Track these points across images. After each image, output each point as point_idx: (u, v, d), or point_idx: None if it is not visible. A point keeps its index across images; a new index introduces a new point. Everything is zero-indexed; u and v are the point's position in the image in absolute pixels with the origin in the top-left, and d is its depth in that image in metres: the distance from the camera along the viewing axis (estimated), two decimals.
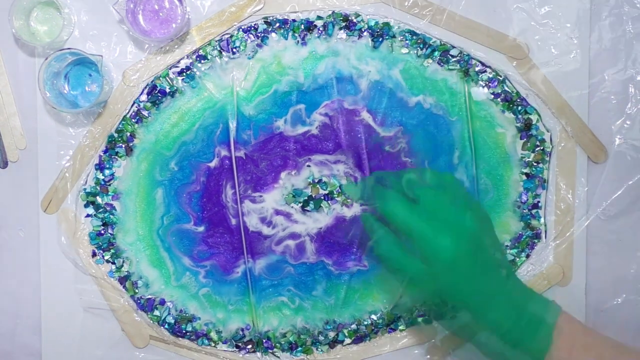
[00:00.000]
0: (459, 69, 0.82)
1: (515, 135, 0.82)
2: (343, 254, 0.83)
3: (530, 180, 0.82)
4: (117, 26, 0.83)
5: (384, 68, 0.82)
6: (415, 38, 0.82)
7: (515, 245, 0.82)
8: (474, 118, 0.82)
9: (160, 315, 0.83)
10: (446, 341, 0.83)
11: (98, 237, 0.83)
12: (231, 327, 0.84)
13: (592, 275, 0.83)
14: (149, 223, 0.83)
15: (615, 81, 0.82)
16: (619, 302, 0.82)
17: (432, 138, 0.82)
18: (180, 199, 0.83)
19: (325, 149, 0.83)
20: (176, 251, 0.83)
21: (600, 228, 0.82)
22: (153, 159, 0.83)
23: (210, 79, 0.83)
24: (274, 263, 0.83)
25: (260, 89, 0.83)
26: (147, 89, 0.82)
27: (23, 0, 0.79)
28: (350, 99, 0.82)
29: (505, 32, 0.82)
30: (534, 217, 0.82)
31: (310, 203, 0.83)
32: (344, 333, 0.83)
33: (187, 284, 0.84)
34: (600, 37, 0.82)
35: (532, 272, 0.83)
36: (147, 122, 0.83)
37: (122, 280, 0.83)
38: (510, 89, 0.82)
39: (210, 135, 0.83)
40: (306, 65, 0.83)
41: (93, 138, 0.83)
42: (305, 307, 0.83)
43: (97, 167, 0.83)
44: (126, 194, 0.83)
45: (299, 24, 0.82)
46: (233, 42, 0.82)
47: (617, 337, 0.81)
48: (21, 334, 0.86)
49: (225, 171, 0.83)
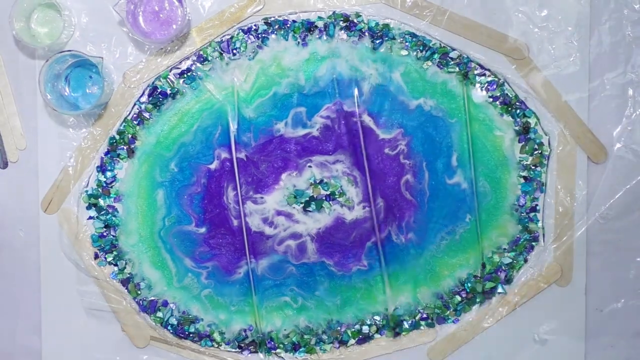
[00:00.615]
0: (458, 72, 0.82)
1: (513, 139, 0.83)
2: (344, 255, 0.83)
3: (528, 183, 0.82)
4: (118, 28, 0.83)
5: (385, 71, 0.82)
6: (415, 40, 0.82)
7: (513, 249, 0.83)
8: (473, 121, 0.82)
9: (163, 317, 0.84)
10: (447, 342, 0.84)
11: (100, 239, 0.83)
12: (234, 328, 0.84)
13: (592, 276, 0.83)
14: (151, 224, 0.84)
15: (614, 85, 0.82)
16: (619, 303, 0.83)
17: (431, 140, 0.83)
18: (181, 201, 0.83)
19: (325, 150, 0.83)
20: (178, 252, 0.84)
21: (601, 229, 0.83)
22: (153, 161, 0.83)
23: (211, 80, 0.83)
24: (276, 263, 0.84)
25: (260, 91, 0.83)
26: (147, 91, 0.82)
27: (23, 3, 0.79)
28: (351, 101, 0.82)
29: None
30: (532, 221, 0.83)
31: (312, 204, 0.83)
32: (347, 333, 0.83)
33: (190, 286, 0.84)
34: (600, 41, 0.82)
35: (530, 275, 0.83)
36: (148, 124, 0.83)
37: (124, 282, 0.84)
38: (509, 92, 0.82)
39: (209, 137, 0.83)
40: (307, 67, 0.83)
41: (94, 139, 0.83)
42: (309, 307, 0.84)
43: (99, 169, 0.83)
44: (128, 196, 0.84)
45: (299, 25, 0.82)
46: (233, 43, 0.82)
47: (617, 337, 0.82)
48: (21, 335, 0.86)
49: (226, 173, 0.83)
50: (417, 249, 0.83)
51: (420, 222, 0.83)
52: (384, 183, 0.83)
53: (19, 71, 0.84)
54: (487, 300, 0.83)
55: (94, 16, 0.83)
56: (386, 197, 0.83)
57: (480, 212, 0.83)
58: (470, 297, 0.83)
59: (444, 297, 0.83)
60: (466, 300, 0.83)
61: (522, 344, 0.83)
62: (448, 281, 0.84)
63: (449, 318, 0.83)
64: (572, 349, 0.83)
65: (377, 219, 0.83)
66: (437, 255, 0.83)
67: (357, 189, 0.83)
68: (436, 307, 0.83)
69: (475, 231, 0.83)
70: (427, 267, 0.83)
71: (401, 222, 0.83)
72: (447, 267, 0.84)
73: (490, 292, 0.83)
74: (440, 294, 0.84)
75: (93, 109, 0.80)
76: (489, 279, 0.83)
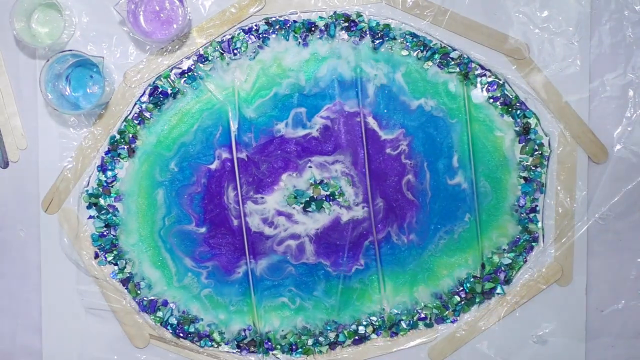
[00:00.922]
0: (458, 72, 0.82)
1: (513, 139, 0.83)
2: (341, 255, 0.83)
3: (528, 184, 0.82)
4: (118, 27, 0.83)
5: (387, 71, 0.82)
6: (416, 40, 0.82)
7: (513, 249, 0.83)
8: (473, 121, 0.82)
9: (163, 317, 0.84)
10: (447, 342, 0.84)
11: (101, 239, 0.83)
12: (233, 328, 0.84)
13: (592, 276, 0.83)
14: (151, 224, 0.84)
15: (615, 85, 0.82)
16: (619, 304, 0.83)
17: (432, 141, 0.83)
18: (181, 200, 0.83)
19: (325, 151, 0.83)
20: (178, 252, 0.84)
21: (601, 229, 0.83)
22: (154, 160, 0.83)
23: (212, 80, 0.83)
24: (275, 263, 0.84)
25: (260, 92, 0.83)
26: (148, 90, 0.82)
27: (24, 2, 0.79)
28: (352, 102, 0.82)
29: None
30: (532, 221, 0.83)
31: (312, 204, 0.83)
32: (344, 334, 0.83)
33: (190, 285, 0.84)
34: (601, 42, 0.82)
35: (530, 275, 0.83)
36: (149, 124, 0.83)
37: (124, 282, 0.84)
38: (510, 93, 0.82)
39: (210, 137, 0.83)
40: (308, 68, 0.83)
41: (94, 139, 0.83)
42: (306, 307, 0.84)
43: (100, 168, 0.83)
44: (128, 195, 0.84)
45: (300, 25, 0.82)
46: (234, 43, 0.82)
47: (617, 337, 0.82)
48: (21, 335, 0.86)
49: (226, 173, 0.83)
50: (416, 249, 0.83)
51: (422, 223, 0.83)
52: (384, 183, 0.83)
53: (20, 71, 0.84)
54: (486, 300, 0.83)
55: (95, 16, 0.83)
56: (387, 197, 0.83)
57: (480, 212, 0.83)
58: (469, 297, 0.83)
59: (443, 297, 0.83)
60: (465, 300, 0.83)
61: (522, 344, 0.83)
62: (447, 281, 0.84)
63: (448, 318, 0.83)
64: (573, 349, 0.83)
65: (375, 219, 0.83)
66: (436, 254, 0.83)
67: (356, 189, 0.83)
68: (434, 307, 0.83)
69: (474, 231, 0.83)
70: (426, 267, 0.83)
71: (402, 222, 0.83)
72: (446, 266, 0.84)
73: (489, 292, 0.83)
74: (439, 294, 0.84)
75: (94, 108, 0.80)
76: (488, 280, 0.83)
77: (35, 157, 0.84)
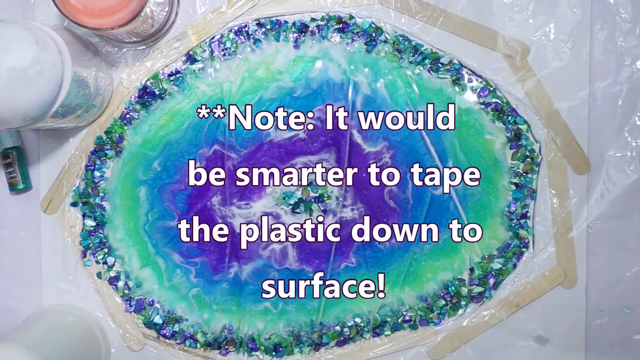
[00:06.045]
0: (449, 78, 0.81)
1: (504, 143, 0.82)
2: (323, 260, 0.83)
3: (519, 190, 0.82)
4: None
5: (376, 76, 0.82)
6: (408, 44, 0.81)
7: (503, 255, 0.83)
8: (463, 126, 0.82)
9: (147, 316, 0.84)
10: (447, 342, 0.84)
11: (90, 237, 0.84)
12: (215, 327, 0.84)
13: (592, 276, 0.83)
14: (135, 219, 0.84)
15: (606, 94, 0.81)
16: (619, 304, 0.83)
17: (421, 144, 0.82)
18: (164, 199, 0.83)
19: (312, 151, 0.83)
20: (165, 249, 0.84)
21: (602, 229, 0.83)
22: (137, 160, 0.83)
23: (201, 81, 0.83)
24: (260, 268, 0.84)
25: (247, 94, 0.82)
26: (137, 91, 0.82)
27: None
28: (341, 103, 0.82)
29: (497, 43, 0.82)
30: (522, 227, 0.82)
31: (301, 205, 0.83)
32: (327, 335, 0.83)
33: (179, 284, 0.84)
34: (593, 50, 0.81)
35: (517, 282, 0.83)
36: (135, 124, 0.83)
37: (112, 281, 0.84)
38: (501, 99, 0.81)
39: (197, 136, 0.83)
40: (295, 70, 0.82)
41: (93, 139, 0.83)
42: (289, 311, 0.84)
43: (87, 168, 0.83)
44: (113, 193, 0.84)
45: (291, 26, 0.82)
46: (224, 44, 0.82)
47: (617, 337, 0.82)
48: None
49: (211, 178, 0.83)
50: (401, 252, 0.83)
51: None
52: (369, 187, 0.83)
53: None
54: (473, 304, 0.83)
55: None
56: (370, 202, 0.83)
57: (469, 216, 0.83)
58: (455, 301, 0.83)
59: (428, 300, 0.83)
60: (451, 304, 0.83)
61: (522, 344, 0.84)
62: (431, 284, 0.84)
63: (432, 320, 0.83)
64: (573, 349, 0.83)
65: (360, 221, 0.83)
66: (421, 258, 0.83)
67: (341, 191, 0.83)
68: (419, 310, 0.83)
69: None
70: (411, 269, 0.83)
71: (390, 225, 0.83)
72: (431, 270, 0.84)
73: (477, 296, 0.83)
74: (424, 296, 0.84)
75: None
76: (477, 284, 0.83)
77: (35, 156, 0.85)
